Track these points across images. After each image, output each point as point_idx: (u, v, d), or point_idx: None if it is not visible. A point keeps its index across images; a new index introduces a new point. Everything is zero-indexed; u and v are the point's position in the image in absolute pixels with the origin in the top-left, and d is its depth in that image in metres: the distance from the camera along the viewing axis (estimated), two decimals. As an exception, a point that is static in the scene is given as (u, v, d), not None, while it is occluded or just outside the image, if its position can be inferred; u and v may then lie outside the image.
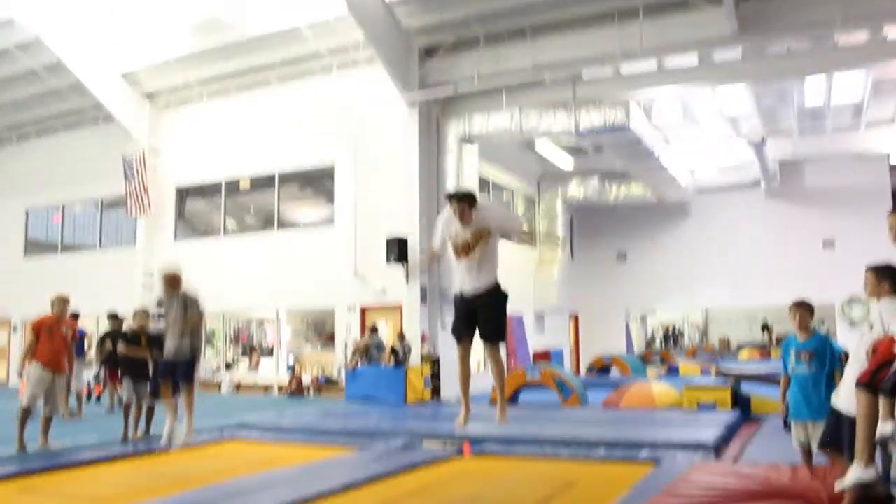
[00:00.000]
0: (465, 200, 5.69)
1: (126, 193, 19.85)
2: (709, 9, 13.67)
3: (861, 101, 18.39)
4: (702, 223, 24.30)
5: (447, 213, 5.81)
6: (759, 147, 18.55)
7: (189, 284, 8.43)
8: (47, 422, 8.99)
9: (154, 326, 10.25)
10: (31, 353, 8.89)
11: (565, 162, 21.82)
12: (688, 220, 24.59)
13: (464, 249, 5.68)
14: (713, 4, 13.52)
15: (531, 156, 21.99)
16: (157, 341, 10.01)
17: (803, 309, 6.14)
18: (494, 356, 5.80)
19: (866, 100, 18.19)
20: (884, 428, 4.34)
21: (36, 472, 7.40)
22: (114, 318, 12.93)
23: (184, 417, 8.29)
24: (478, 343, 5.93)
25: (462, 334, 5.89)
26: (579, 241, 25.40)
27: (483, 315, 5.72)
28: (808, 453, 5.99)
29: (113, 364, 12.54)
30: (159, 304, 8.27)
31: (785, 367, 6.20)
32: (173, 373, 8.19)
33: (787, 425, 6.42)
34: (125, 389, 9.81)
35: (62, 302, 9.15)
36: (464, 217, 5.67)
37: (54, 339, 8.93)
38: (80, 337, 12.53)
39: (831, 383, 5.82)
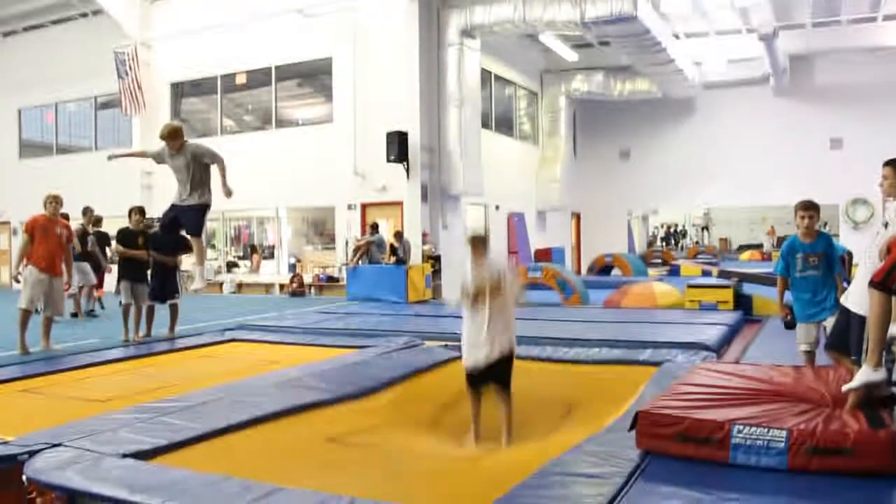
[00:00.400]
0: (478, 240, 5.54)
1: (119, 91, 19.42)
2: None
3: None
4: (707, 120, 23.83)
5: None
6: (769, 40, 17.94)
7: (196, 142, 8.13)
8: (48, 323, 8.94)
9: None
10: (27, 254, 8.74)
11: (569, 55, 21.22)
12: (693, 116, 24.11)
13: (477, 291, 5.36)
14: None
15: (534, 49, 21.38)
16: (154, 240, 9.94)
17: (814, 210, 5.96)
18: (505, 399, 5.47)
19: (884, -11, 17.51)
20: (894, 328, 4.24)
21: (38, 374, 7.39)
22: (89, 213, 12.79)
23: (196, 269, 8.06)
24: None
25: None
26: (582, 138, 25.00)
27: (496, 376, 5.43)
28: (812, 354, 5.93)
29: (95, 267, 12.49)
30: (157, 158, 7.89)
31: (782, 268, 6.10)
32: (178, 221, 7.81)
33: (788, 326, 6.39)
34: (123, 291, 9.69)
35: (54, 200, 8.90)
36: (477, 257, 5.45)
37: (49, 240, 8.76)
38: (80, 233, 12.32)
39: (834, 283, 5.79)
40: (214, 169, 7.74)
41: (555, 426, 5.57)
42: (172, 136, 7.62)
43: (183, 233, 8.23)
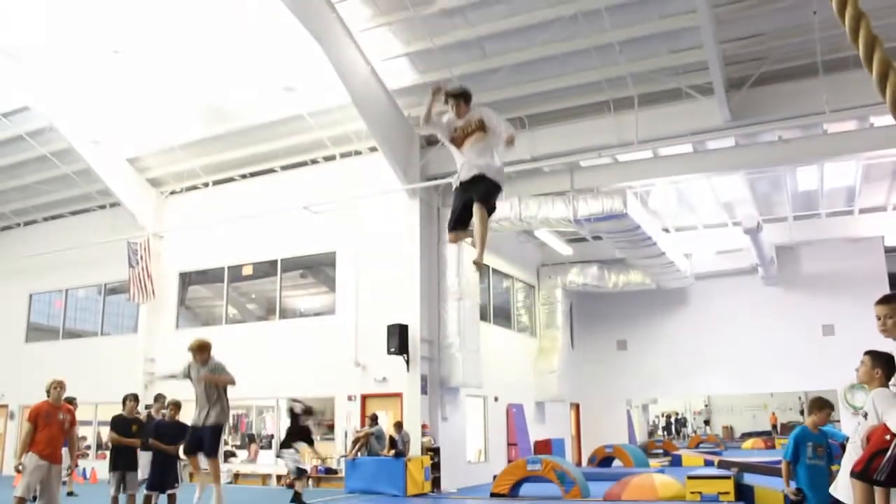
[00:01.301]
0: (460, 96, 5.76)
1: (129, 279, 20.00)
2: (701, 98, 14.15)
3: (853, 186, 18.76)
4: (701, 310, 24.33)
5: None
6: (754, 233, 18.82)
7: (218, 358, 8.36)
8: None
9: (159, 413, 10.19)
10: (29, 443, 8.78)
11: (564, 250, 22.04)
12: (687, 306, 24.64)
13: (462, 132, 5.73)
14: (705, 94, 13.99)
15: (531, 244, 22.25)
16: (157, 429, 10.05)
17: (829, 407, 6.48)
18: (482, 214, 5.74)
19: (858, 185, 18.57)
20: (881, 515, 4.35)
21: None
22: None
23: (213, 489, 8.00)
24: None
25: (456, 226, 5.95)
26: (579, 329, 25.39)
27: (480, 187, 5.71)
28: None
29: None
30: (187, 374, 8.13)
31: (789, 453, 6.46)
32: (200, 441, 7.95)
33: None
34: (112, 481, 9.69)
35: (59, 386, 9.02)
36: (459, 111, 5.76)
37: (51, 427, 8.79)
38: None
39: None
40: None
41: None
42: (201, 349, 7.96)
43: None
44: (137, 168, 20.41)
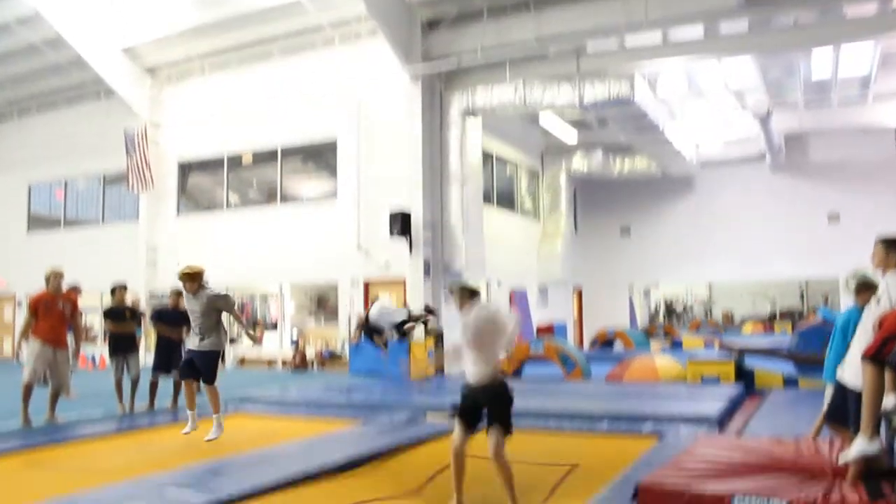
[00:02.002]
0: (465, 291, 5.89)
1: (127, 168, 19.79)
2: (715, -21, 13.49)
3: (868, 74, 18.20)
4: (706, 197, 24.19)
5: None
6: (764, 120, 18.41)
7: (210, 283, 8.14)
8: (54, 396, 9.01)
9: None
10: (28, 331, 8.83)
11: (569, 135, 21.67)
12: (692, 194, 24.47)
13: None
14: (720, -26, 13.34)
15: (535, 129, 21.86)
16: (159, 315, 10.20)
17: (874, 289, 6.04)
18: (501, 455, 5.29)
19: (874, 72, 17.99)
20: (888, 401, 4.32)
21: (40, 446, 7.43)
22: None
23: (213, 416, 7.88)
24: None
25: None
26: (583, 214, 25.32)
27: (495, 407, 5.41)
28: None
29: None
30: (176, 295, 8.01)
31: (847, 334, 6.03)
32: (196, 369, 7.82)
33: None
34: (113, 366, 9.83)
35: (57, 276, 9.05)
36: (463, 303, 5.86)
37: (52, 315, 8.88)
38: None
39: None
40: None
41: (556, 492, 5.58)
42: (190, 278, 7.73)
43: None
44: (132, 56, 19.79)
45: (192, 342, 7.80)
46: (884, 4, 13.82)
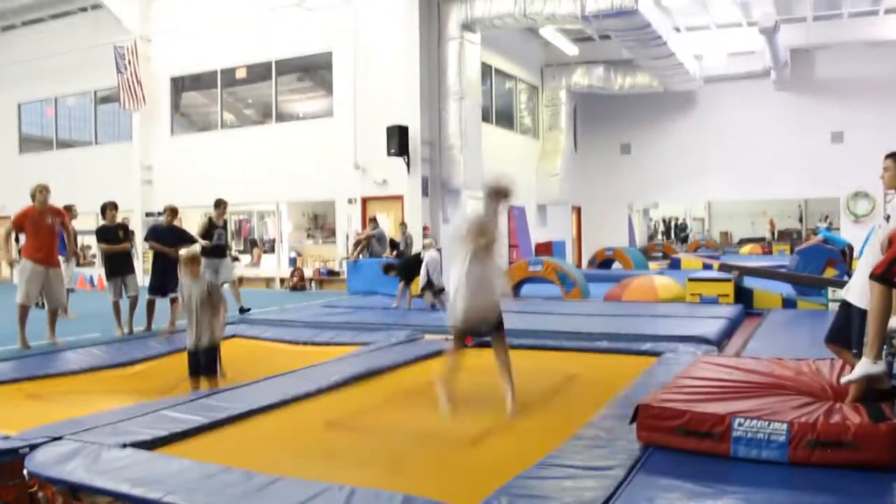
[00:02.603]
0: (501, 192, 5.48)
1: (118, 86, 19.38)
2: None
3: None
4: (708, 114, 23.81)
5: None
6: (770, 34, 17.92)
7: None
8: (53, 316, 8.94)
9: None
10: (13, 247, 8.65)
11: (570, 49, 21.18)
12: (694, 110, 24.08)
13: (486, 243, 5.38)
14: None
15: (535, 43, 21.35)
16: (155, 233, 10.12)
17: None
18: (505, 348, 5.53)
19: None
20: (894, 321, 4.24)
21: (40, 377, 7.33)
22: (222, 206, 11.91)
23: None
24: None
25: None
26: (583, 131, 24.97)
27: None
28: None
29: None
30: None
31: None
32: (198, 364, 7.71)
33: None
34: (111, 287, 9.74)
35: (42, 190, 8.81)
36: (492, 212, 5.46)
37: (41, 231, 8.68)
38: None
39: None
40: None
41: (554, 410, 5.57)
42: (194, 262, 7.41)
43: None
44: (118, -35, 19.17)
45: (191, 343, 7.36)
46: None
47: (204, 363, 6.95)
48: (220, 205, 11.29)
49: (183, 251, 7.19)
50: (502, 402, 5.39)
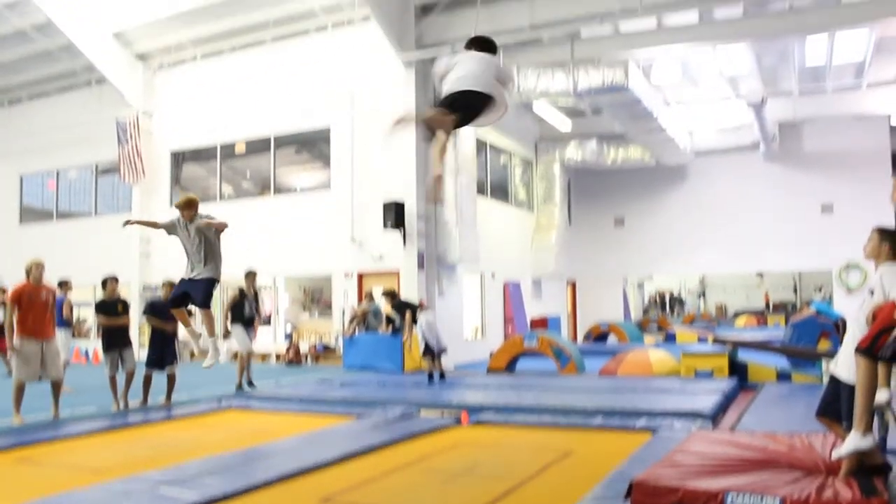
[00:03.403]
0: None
1: (119, 158, 19.67)
2: (711, -36, 13.40)
3: (863, 61, 18.18)
4: (700, 187, 24.14)
5: None
6: (758, 108, 18.38)
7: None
8: (56, 389, 8.95)
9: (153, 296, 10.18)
10: (13, 323, 8.72)
11: (563, 124, 21.61)
12: (686, 183, 24.43)
13: None
14: (715, -41, 13.24)
15: (529, 117, 21.79)
16: (154, 308, 10.18)
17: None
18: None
19: (868, 59, 17.97)
20: (881, 395, 4.30)
21: (35, 443, 7.38)
22: (252, 276, 12.42)
23: (208, 341, 7.65)
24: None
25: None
26: (577, 205, 25.27)
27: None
28: None
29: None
30: (170, 229, 7.77)
31: None
32: (187, 294, 7.61)
33: None
34: (108, 361, 9.76)
35: (38, 266, 8.97)
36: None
37: (35, 307, 8.79)
38: (60, 304, 11.42)
39: None
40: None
41: (549, 487, 5.56)
42: (189, 205, 7.63)
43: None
44: (123, 42, 19.64)
45: (189, 272, 7.59)
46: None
47: (200, 293, 7.12)
48: (249, 275, 11.42)
49: (179, 198, 7.54)
50: (497, 479, 5.39)
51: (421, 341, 12.23)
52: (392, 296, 13.46)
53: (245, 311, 11.25)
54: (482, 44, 5.18)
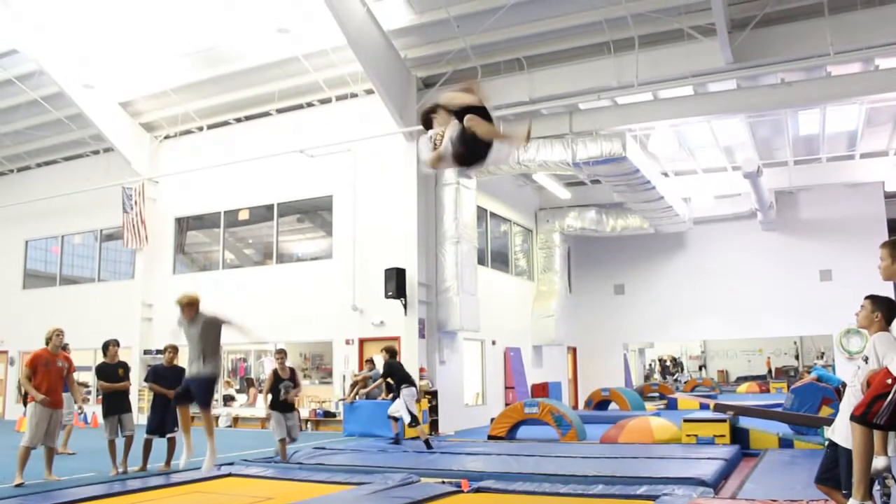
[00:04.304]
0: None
1: (123, 225, 19.90)
2: (703, 40, 13.83)
3: (855, 130, 18.59)
4: (699, 255, 24.35)
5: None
6: (754, 177, 18.71)
7: (207, 308, 8.14)
8: (50, 454, 9.08)
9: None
10: (30, 385, 8.87)
11: (563, 193, 21.94)
12: (685, 251, 24.64)
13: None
14: (707, 35, 13.68)
15: (528, 187, 22.14)
16: (155, 374, 10.21)
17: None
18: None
19: (860, 129, 18.39)
20: (877, 462, 4.35)
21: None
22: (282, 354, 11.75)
23: (207, 443, 7.86)
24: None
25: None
26: (577, 273, 25.43)
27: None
28: None
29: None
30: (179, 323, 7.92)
31: None
32: (190, 394, 7.81)
33: None
34: (107, 426, 9.77)
35: (59, 335, 9.20)
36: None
37: (50, 374, 8.96)
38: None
39: None
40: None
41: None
42: (189, 306, 7.77)
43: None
44: (130, 112, 20.11)
45: (191, 370, 7.71)
46: (867, 64, 14.21)
47: (200, 393, 7.12)
48: (278, 353, 11.06)
49: (179, 296, 7.57)
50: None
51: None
52: (392, 353, 12.97)
53: (280, 395, 10.81)
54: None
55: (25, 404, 12.36)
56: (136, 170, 20.16)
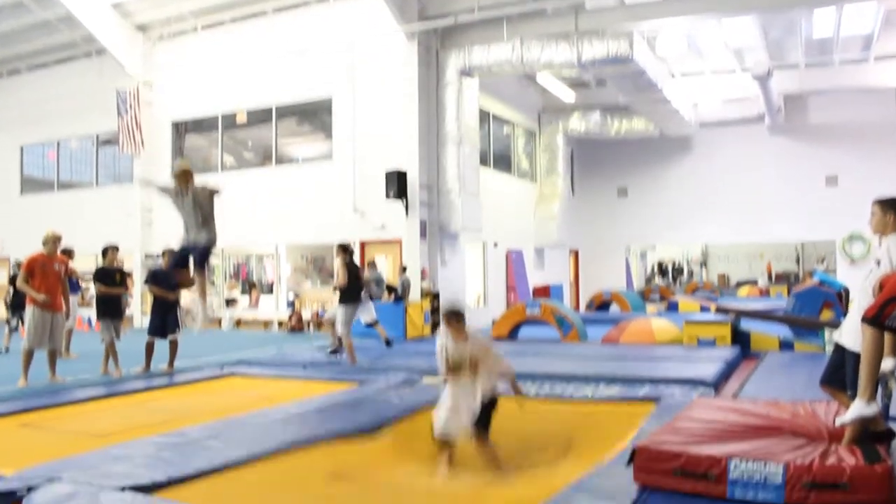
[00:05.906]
0: (452, 317, 5.42)
1: (118, 129, 19.56)
2: (717, -66, 13.21)
3: (871, 33, 17.99)
4: (704, 159, 24.06)
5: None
6: (763, 80, 18.22)
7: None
8: (53, 356, 9.13)
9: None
10: (27, 287, 8.85)
11: (567, 95, 21.49)
12: (690, 155, 24.33)
13: (453, 368, 5.41)
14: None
15: (532, 89, 21.65)
16: (155, 277, 10.16)
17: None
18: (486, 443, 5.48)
19: (877, 31, 17.77)
20: (886, 364, 4.29)
21: (38, 408, 7.43)
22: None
23: (198, 304, 7.96)
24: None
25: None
26: (580, 176, 25.19)
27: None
28: None
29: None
30: (170, 191, 7.79)
31: None
32: (186, 259, 7.77)
33: None
34: (104, 328, 9.78)
35: (55, 240, 9.12)
36: (457, 335, 5.42)
37: (48, 278, 8.92)
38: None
39: None
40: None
41: (555, 462, 5.58)
42: (183, 175, 7.61)
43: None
44: (122, 13, 19.44)
45: (188, 237, 7.62)
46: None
47: (198, 256, 7.23)
48: (345, 249, 11.24)
49: (175, 166, 7.57)
50: (499, 449, 5.40)
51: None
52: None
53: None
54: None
55: (12, 311, 12.54)
56: (130, 72, 19.67)
